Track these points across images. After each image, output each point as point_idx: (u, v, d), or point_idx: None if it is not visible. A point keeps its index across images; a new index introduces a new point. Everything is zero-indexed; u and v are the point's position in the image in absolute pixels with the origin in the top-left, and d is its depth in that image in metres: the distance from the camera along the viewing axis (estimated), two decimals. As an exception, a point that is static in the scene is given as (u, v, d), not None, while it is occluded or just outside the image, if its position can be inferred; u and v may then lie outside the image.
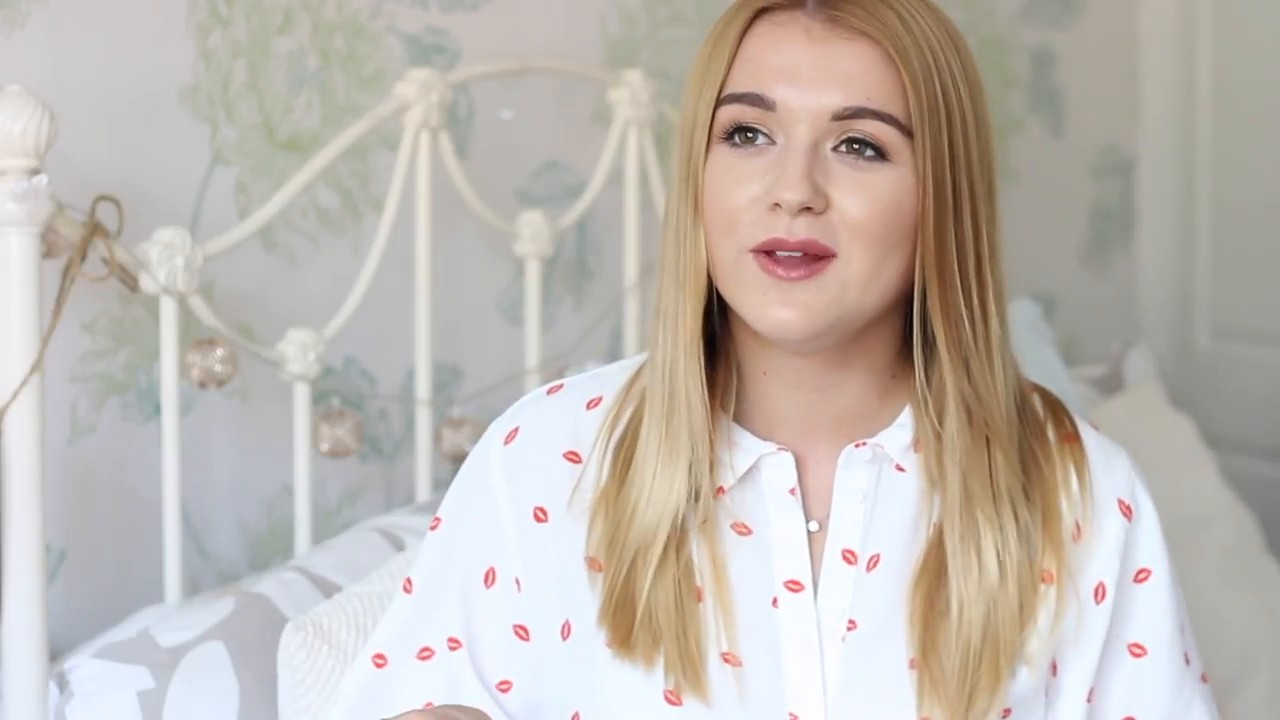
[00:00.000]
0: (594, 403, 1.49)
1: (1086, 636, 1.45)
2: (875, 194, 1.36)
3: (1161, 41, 3.24)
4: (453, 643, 1.48)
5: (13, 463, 1.77)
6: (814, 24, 1.37)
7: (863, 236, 1.36)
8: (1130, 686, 1.46)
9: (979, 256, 1.39)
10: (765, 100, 1.37)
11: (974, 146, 1.39)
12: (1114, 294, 3.26)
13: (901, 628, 1.41)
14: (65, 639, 1.93)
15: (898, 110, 1.36)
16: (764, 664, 1.41)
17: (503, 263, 2.36)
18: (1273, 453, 3.13)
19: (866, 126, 1.36)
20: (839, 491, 1.44)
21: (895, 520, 1.44)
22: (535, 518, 1.46)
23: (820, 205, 1.35)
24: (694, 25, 2.53)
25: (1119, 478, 1.47)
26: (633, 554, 1.41)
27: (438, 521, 1.51)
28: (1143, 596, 1.47)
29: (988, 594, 1.40)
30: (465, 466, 1.52)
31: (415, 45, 2.26)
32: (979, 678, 1.40)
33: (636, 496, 1.42)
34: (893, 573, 1.42)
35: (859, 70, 1.36)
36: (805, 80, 1.36)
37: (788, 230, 1.35)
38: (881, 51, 1.36)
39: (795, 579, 1.42)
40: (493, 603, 1.47)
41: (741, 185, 1.37)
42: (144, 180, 2.00)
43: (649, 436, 1.42)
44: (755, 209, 1.36)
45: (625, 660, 1.41)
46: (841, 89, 1.36)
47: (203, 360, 1.96)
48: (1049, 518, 1.44)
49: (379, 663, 1.49)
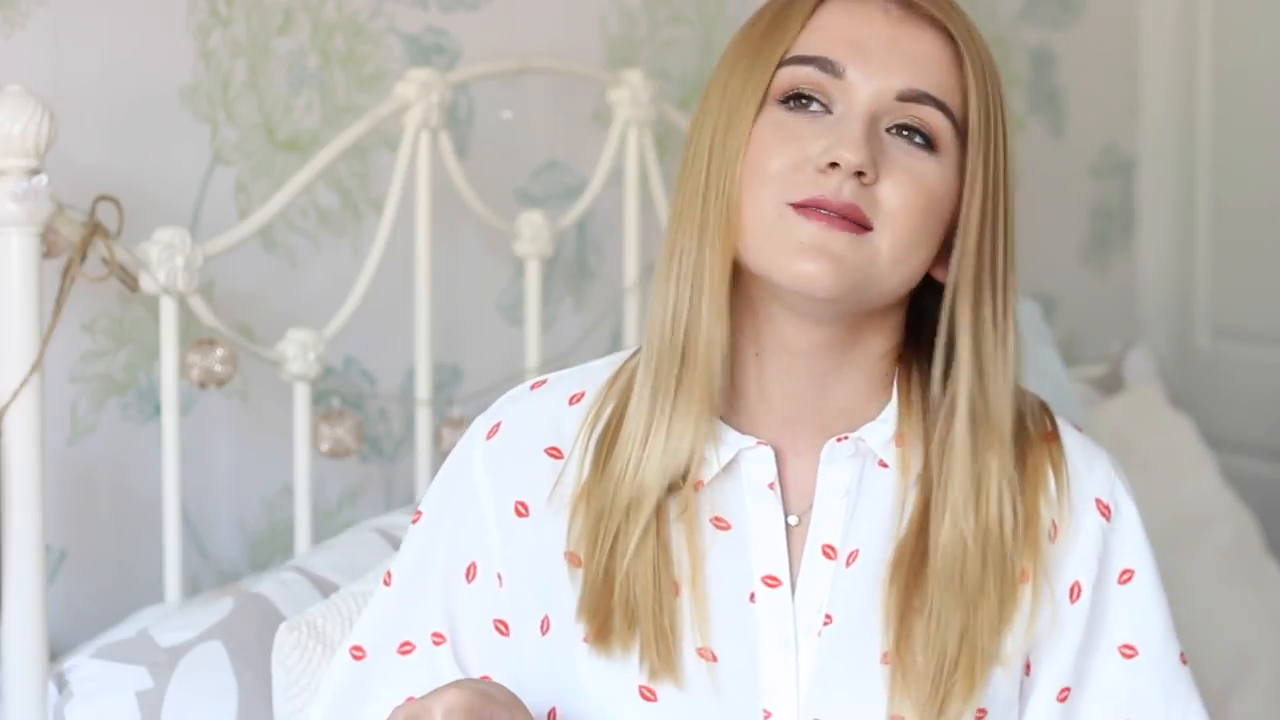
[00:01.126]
0: (576, 398, 1.49)
1: (1060, 636, 1.44)
2: (920, 181, 1.38)
3: (1161, 41, 3.24)
4: (437, 637, 1.48)
5: (13, 463, 1.77)
6: (891, 6, 1.41)
7: (900, 220, 1.37)
8: (1126, 689, 1.46)
9: (1007, 264, 1.42)
10: (835, 66, 1.39)
11: (1010, 158, 1.42)
12: (1114, 294, 3.26)
13: (878, 623, 1.41)
14: (65, 639, 1.93)
15: (956, 106, 1.40)
16: (739, 659, 1.41)
17: (503, 263, 2.36)
18: (1273, 453, 3.13)
19: (925, 114, 1.39)
20: (821, 486, 1.44)
21: (876, 515, 1.44)
22: (516, 512, 1.46)
23: (872, 176, 1.36)
24: (694, 25, 2.53)
25: (1098, 477, 1.47)
26: (615, 529, 1.41)
27: (419, 515, 1.51)
28: (1127, 597, 1.46)
29: (968, 600, 1.40)
30: (448, 461, 1.52)
31: (415, 45, 2.26)
32: (954, 683, 1.39)
33: (624, 465, 1.42)
34: (871, 568, 1.43)
35: (929, 57, 1.40)
36: (878, 57, 1.39)
37: (835, 192, 1.36)
38: (952, 48, 1.40)
39: (773, 574, 1.42)
40: (474, 598, 1.48)
41: (796, 144, 1.38)
42: (144, 180, 2.00)
43: (647, 392, 1.42)
44: (805, 169, 1.37)
45: (602, 654, 1.41)
46: (910, 71, 1.39)
47: (203, 360, 1.96)
48: (1028, 517, 1.44)
49: (357, 655, 1.49)
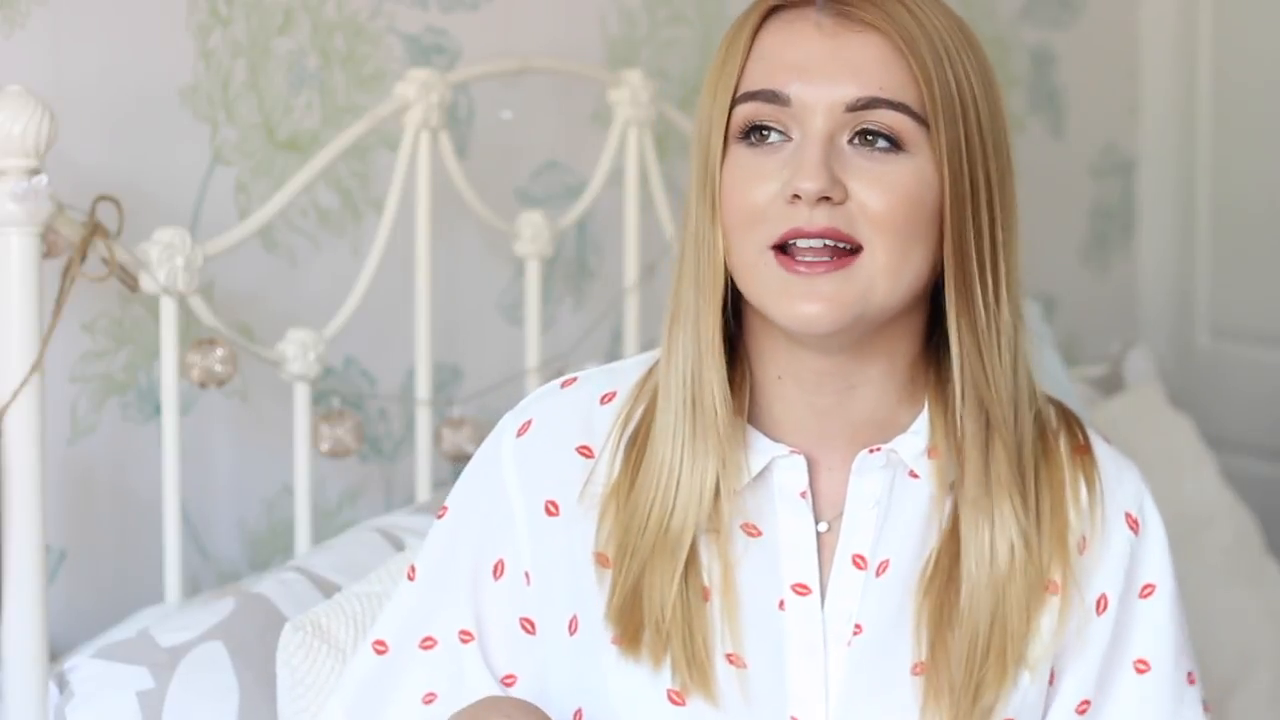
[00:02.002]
0: (608, 397, 1.48)
1: (1085, 648, 1.45)
2: (893, 185, 1.36)
3: (1161, 41, 3.24)
4: (465, 635, 1.47)
5: (13, 463, 1.77)
6: (824, 19, 1.39)
7: (885, 228, 1.36)
8: (1134, 704, 1.46)
9: (994, 244, 1.40)
10: (780, 96, 1.37)
11: (989, 136, 1.40)
12: (1114, 294, 3.26)
13: (908, 633, 1.41)
14: (65, 639, 1.93)
15: (911, 100, 1.37)
16: (768, 666, 1.41)
17: (503, 263, 2.36)
18: (1273, 453, 3.13)
19: (881, 117, 1.37)
20: (852, 496, 1.44)
21: (907, 526, 1.43)
22: (546, 511, 1.46)
23: (839, 195, 1.35)
24: (694, 25, 2.53)
25: (1129, 491, 1.48)
26: (646, 557, 1.41)
27: (445, 510, 1.51)
28: (1147, 612, 1.47)
29: (997, 581, 1.40)
30: (477, 457, 1.51)
31: (415, 45, 2.26)
32: (985, 672, 1.39)
33: (653, 499, 1.41)
34: (902, 578, 1.42)
35: (870, 61, 1.37)
36: (818, 73, 1.37)
37: (807, 220, 1.35)
38: (891, 43, 1.37)
39: (803, 582, 1.42)
40: (501, 595, 1.47)
41: (760, 183, 1.37)
42: (144, 180, 2.00)
43: (669, 439, 1.42)
44: (775, 204, 1.36)
45: (631, 659, 1.41)
46: (854, 80, 1.37)
47: (203, 360, 1.96)
48: (1058, 528, 1.44)
49: (379, 649, 1.49)
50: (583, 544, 1.44)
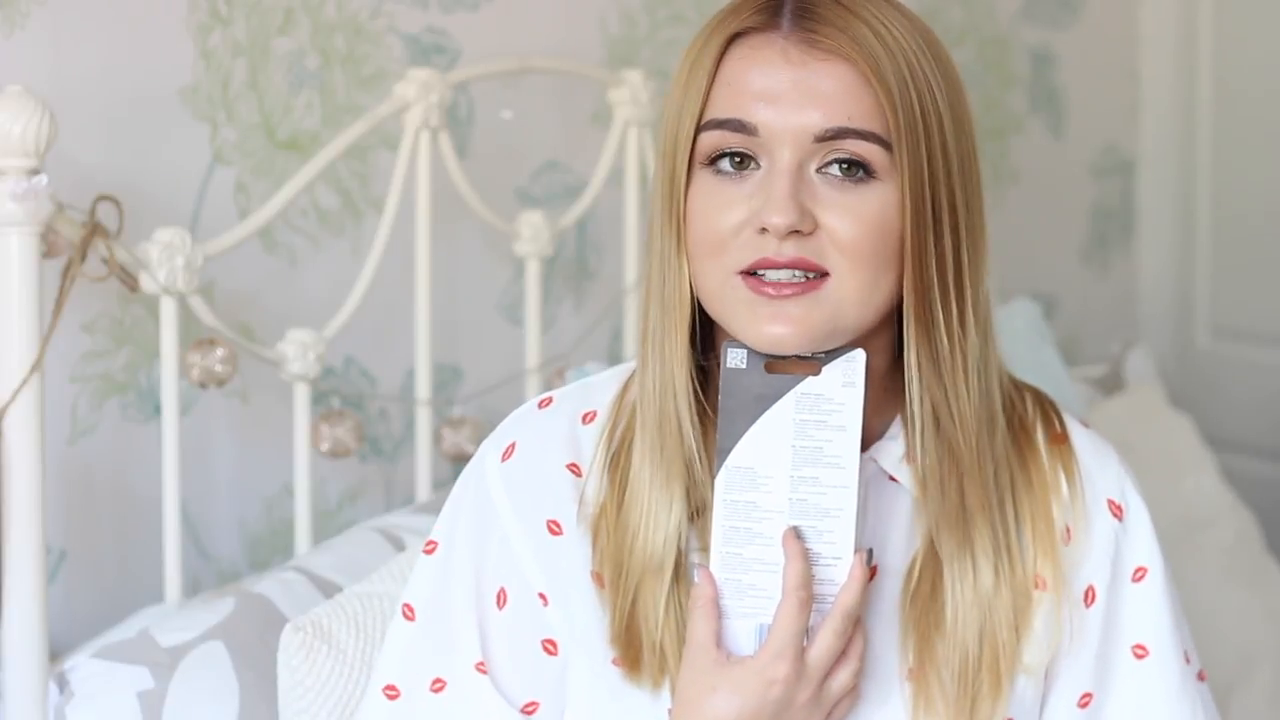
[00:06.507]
0: (589, 416, 1.47)
1: (1078, 641, 1.44)
2: (862, 213, 1.35)
3: (1161, 41, 3.24)
4: (480, 667, 1.44)
5: (13, 463, 1.77)
6: (790, 46, 1.37)
7: (853, 256, 1.35)
8: (1136, 690, 1.46)
9: (959, 267, 1.39)
10: (747, 125, 1.36)
11: (954, 156, 1.38)
12: (1114, 294, 3.26)
13: (897, 639, 1.41)
14: (65, 639, 1.93)
15: (879, 127, 1.35)
16: None
17: (503, 263, 2.36)
18: (1273, 453, 3.13)
19: (850, 146, 1.35)
20: None
21: (890, 532, 1.43)
22: (550, 531, 1.44)
23: (808, 227, 1.34)
24: (694, 25, 2.53)
25: (1109, 476, 1.47)
26: (637, 582, 1.40)
27: (433, 545, 1.48)
28: (1140, 595, 1.46)
29: (982, 600, 1.40)
30: (459, 487, 1.49)
31: (415, 45, 2.26)
32: (980, 684, 1.39)
33: (636, 522, 1.41)
34: (889, 585, 1.42)
35: (838, 91, 1.35)
36: (786, 103, 1.35)
37: (776, 251, 1.34)
38: (858, 71, 1.35)
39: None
40: (507, 624, 1.45)
41: (727, 210, 1.36)
42: (144, 180, 2.00)
43: (643, 461, 1.41)
44: (743, 233, 1.35)
45: (633, 681, 1.41)
46: (822, 110, 1.35)
47: (203, 360, 1.96)
48: (1040, 523, 1.44)
49: (390, 694, 1.46)
50: (582, 564, 1.43)
